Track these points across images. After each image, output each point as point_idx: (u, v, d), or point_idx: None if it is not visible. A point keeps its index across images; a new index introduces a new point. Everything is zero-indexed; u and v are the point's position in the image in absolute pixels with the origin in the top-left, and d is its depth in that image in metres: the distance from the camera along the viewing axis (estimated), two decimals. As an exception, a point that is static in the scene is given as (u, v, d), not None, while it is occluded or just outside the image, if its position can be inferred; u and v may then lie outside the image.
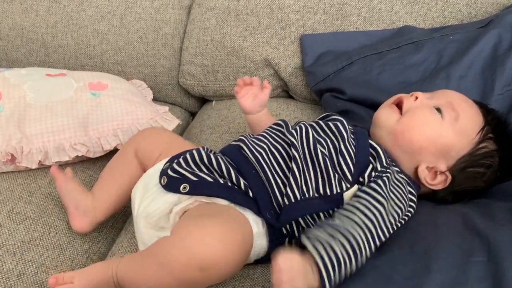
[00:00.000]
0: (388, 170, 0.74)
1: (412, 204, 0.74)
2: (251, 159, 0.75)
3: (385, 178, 0.72)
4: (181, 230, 0.63)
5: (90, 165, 1.02)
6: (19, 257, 0.80)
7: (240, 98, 0.91)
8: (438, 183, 0.79)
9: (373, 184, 0.71)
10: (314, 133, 0.78)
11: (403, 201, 0.72)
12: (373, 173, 0.73)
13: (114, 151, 1.01)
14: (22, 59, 1.35)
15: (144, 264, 0.64)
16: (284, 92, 1.30)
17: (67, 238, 0.86)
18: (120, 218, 0.96)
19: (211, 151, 0.81)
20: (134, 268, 0.66)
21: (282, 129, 0.80)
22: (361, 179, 0.73)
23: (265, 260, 0.75)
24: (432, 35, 1.09)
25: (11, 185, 0.94)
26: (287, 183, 0.72)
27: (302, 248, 0.63)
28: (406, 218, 0.72)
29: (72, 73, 1.16)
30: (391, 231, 0.68)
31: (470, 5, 1.13)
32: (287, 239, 0.74)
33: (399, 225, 0.70)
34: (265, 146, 0.77)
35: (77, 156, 0.98)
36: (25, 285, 0.78)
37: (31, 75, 1.11)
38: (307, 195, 0.72)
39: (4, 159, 0.93)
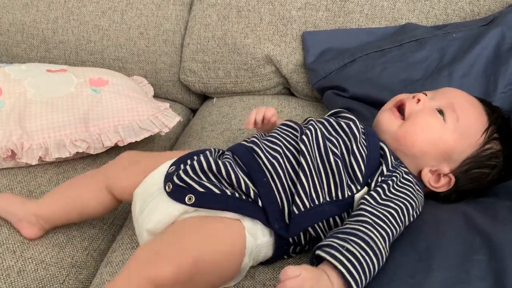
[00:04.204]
0: (394, 174, 0.73)
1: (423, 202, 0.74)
2: (265, 165, 0.73)
3: (389, 181, 0.72)
4: (148, 247, 0.66)
5: (90, 162, 1.02)
6: (19, 254, 0.80)
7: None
8: (441, 185, 0.78)
9: (377, 188, 0.71)
10: (325, 132, 0.77)
11: (412, 200, 0.71)
12: (379, 178, 0.73)
13: (115, 148, 1.01)
14: (23, 54, 1.34)
15: None
16: (286, 89, 1.29)
17: (67, 236, 0.86)
18: (120, 215, 0.96)
19: (219, 155, 0.79)
20: None
21: (296, 133, 0.78)
22: (369, 181, 0.73)
23: (267, 263, 0.75)
24: (434, 33, 1.08)
25: (11, 183, 0.94)
26: (295, 192, 0.71)
27: (318, 261, 0.64)
28: (415, 215, 0.72)
29: (72, 69, 1.15)
30: (402, 227, 0.69)
31: (473, 3, 1.13)
32: (292, 247, 0.74)
33: (411, 219, 0.70)
34: (280, 150, 0.75)
35: (77, 153, 0.98)
36: (25, 281, 0.77)
37: (31, 70, 1.11)
38: (317, 202, 0.71)
39: (4, 155, 0.93)
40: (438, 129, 0.78)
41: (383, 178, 0.72)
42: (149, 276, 0.60)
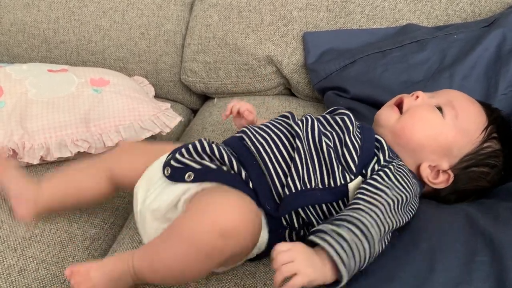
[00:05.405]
0: (391, 163, 0.74)
1: (416, 199, 0.74)
2: (252, 150, 0.75)
3: (386, 169, 0.72)
4: (198, 204, 0.66)
5: (91, 162, 1.02)
6: (20, 253, 0.80)
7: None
8: (440, 182, 0.78)
9: (374, 176, 0.71)
10: (320, 126, 0.78)
11: (408, 188, 0.71)
12: (376, 166, 0.73)
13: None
14: (24, 54, 1.35)
15: (164, 247, 0.65)
16: (286, 89, 1.29)
17: (68, 235, 0.86)
18: (121, 215, 0.96)
19: (212, 142, 0.80)
20: (153, 255, 0.66)
21: (287, 120, 0.80)
22: (364, 172, 0.73)
23: (266, 254, 0.75)
24: (435, 34, 1.08)
25: (12, 181, 0.94)
26: (288, 174, 0.72)
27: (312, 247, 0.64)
28: (413, 211, 0.72)
29: (73, 69, 1.15)
30: (401, 219, 0.68)
31: (474, 4, 1.13)
32: (287, 231, 0.74)
33: (409, 214, 0.70)
34: (266, 136, 0.77)
35: (79, 152, 0.98)
36: (26, 281, 0.77)
37: (32, 70, 1.11)
38: (308, 186, 0.72)
39: (6, 155, 0.93)
40: (437, 123, 0.78)
41: (379, 167, 0.73)
42: (218, 222, 0.61)
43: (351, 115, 0.81)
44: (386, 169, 0.72)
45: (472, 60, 1.01)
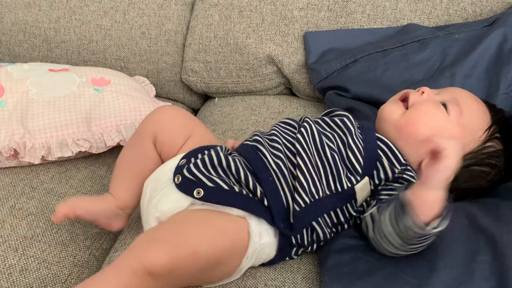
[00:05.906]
0: (398, 184, 0.72)
1: None
2: (271, 165, 0.73)
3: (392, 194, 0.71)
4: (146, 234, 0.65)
5: (92, 161, 1.02)
6: (21, 252, 0.80)
7: None
8: None
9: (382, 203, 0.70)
10: (320, 129, 0.78)
11: None
12: (382, 176, 0.73)
13: (117, 147, 1.01)
14: (25, 54, 1.35)
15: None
16: (287, 89, 1.29)
17: (69, 234, 0.86)
18: (122, 214, 0.96)
19: (228, 152, 0.79)
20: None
21: (295, 130, 0.79)
22: (373, 177, 0.73)
23: (268, 262, 0.75)
24: (436, 34, 1.08)
25: (14, 181, 0.94)
26: (294, 190, 0.72)
27: None
28: None
29: (75, 68, 1.15)
30: None
31: (475, 3, 1.13)
32: (294, 249, 0.74)
33: None
34: (282, 150, 0.76)
35: (80, 152, 0.98)
36: (27, 280, 0.78)
37: (34, 70, 1.11)
38: (316, 196, 0.71)
39: (7, 154, 0.93)
40: (441, 119, 0.78)
41: (388, 185, 0.72)
42: (143, 262, 0.58)
43: (350, 116, 0.80)
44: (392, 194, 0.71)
45: (473, 59, 1.01)
